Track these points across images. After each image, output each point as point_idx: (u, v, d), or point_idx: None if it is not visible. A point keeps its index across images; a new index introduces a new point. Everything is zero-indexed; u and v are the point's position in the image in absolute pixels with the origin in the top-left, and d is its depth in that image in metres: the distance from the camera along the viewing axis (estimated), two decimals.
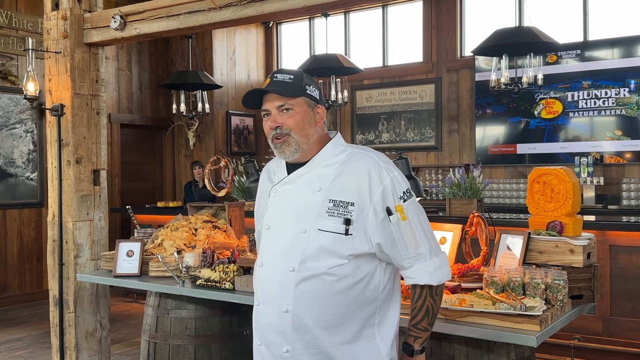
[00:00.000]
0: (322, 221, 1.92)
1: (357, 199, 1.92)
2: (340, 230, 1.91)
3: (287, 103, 1.98)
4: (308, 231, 1.93)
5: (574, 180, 2.90)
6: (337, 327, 1.94)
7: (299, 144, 1.98)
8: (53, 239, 4.55)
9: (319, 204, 1.94)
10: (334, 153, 2.02)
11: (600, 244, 4.83)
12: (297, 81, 1.99)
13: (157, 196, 9.61)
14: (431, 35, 8.85)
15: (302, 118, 1.98)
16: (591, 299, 2.80)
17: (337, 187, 1.95)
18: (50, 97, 4.56)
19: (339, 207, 1.92)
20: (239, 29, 9.83)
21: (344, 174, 1.97)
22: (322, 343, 1.94)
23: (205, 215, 4.25)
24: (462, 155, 8.62)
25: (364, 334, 1.97)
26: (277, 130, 1.99)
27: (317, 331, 1.93)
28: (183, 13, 4.02)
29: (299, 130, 1.98)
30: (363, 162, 1.97)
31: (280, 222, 2.01)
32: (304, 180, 2.00)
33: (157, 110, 9.72)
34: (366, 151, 2.02)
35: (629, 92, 7.40)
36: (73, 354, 4.47)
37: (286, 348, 1.96)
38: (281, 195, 2.04)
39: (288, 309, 1.94)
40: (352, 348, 1.95)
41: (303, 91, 1.99)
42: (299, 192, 2.00)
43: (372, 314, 1.98)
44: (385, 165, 1.96)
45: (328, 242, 1.92)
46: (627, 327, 4.85)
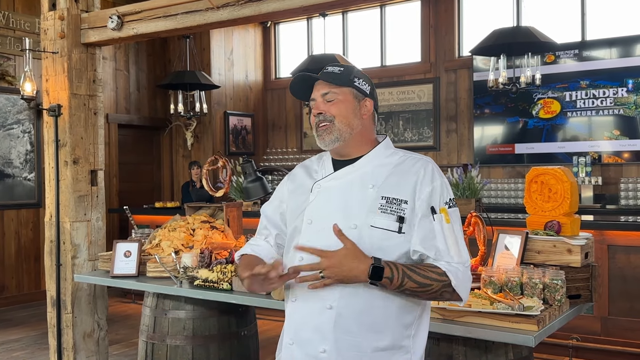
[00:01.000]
0: (375, 218, 1.87)
1: (409, 198, 1.89)
2: (393, 228, 1.86)
3: (331, 91, 1.97)
4: (359, 227, 1.87)
5: (572, 180, 2.90)
6: (380, 332, 1.86)
7: (341, 133, 1.96)
8: (50, 239, 4.54)
9: (372, 201, 1.89)
10: (386, 154, 2.00)
11: (599, 244, 4.83)
12: (346, 73, 1.99)
13: (155, 196, 9.60)
14: (429, 35, 8.85)
15: (346, 107, 1.97)
16: (589, 299, 2.80)
17: (390, 185, 1.91)
18: (47, 97, 4.55)
19: (392, 204, 1.88)
20: (237, 29, 9.82)
21: (397, 173, 1.94)
22: (363, 345, 1.85)
23: (203, 215, 4.24)
24: (461, 155, 8.62)
25: (403, 345, 1.90)
26: (319, 117, 1.98)
27: (360, 332, 1.85)
28: (180, 13, 4.01)
29: (342, 119, 1.96)
30: (417, 163, 1.96)
31: (326, 217, 1.92)
32: (354, 177, 1.96)
33: (154, 110, 9.71)
34: (421, 156, 2.01)
35: (627, 92, 7.40)
36: (71, 355, 4.46)
37: (323, 348, 1.87)
38: (326, 190, 1.97)
39: (332, 306, 1.86)
40: (389, 356, 1.87)
41: (350, 82, 1.99)
42: (348, 189, 1.94)
43: (411, 323, 1.92)
44: (437, 170, 1.95)
45: (380, 240, 1.86)
46: (625, 327, 4.85)
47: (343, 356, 1.85)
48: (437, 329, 2.49)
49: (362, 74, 2.05)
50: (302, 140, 9.91)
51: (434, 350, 2.57)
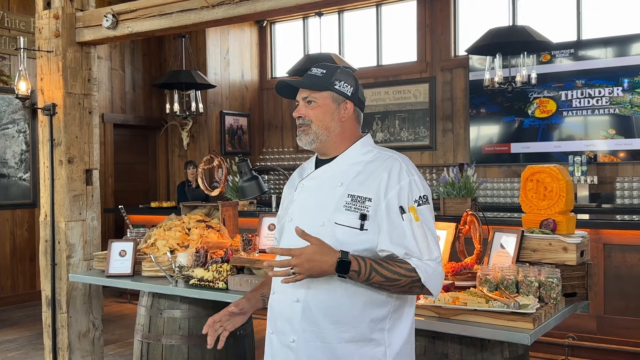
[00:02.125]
0: (339, 215, 1.96)
1: (374, 195, 1.95)
2: (355, 225, 1.94)
3: (310, 96, 2.07)
4: (326, 224, 1.96)
5: (567, 178, 2.90)
6: (346, 324, 1.94)
7: (317, 135, 2.06)
8: (45, 239, 4.52)
9: (338, 198, 1.98)
10: (361, 152, 2.08)
11: (594, 243, 4.84)
12: (327, 76, 2.07)
13: (151, 196, 9.58)
14: (425, 35, 8.85)
15: (323, 111, 2.06)
16: (584, 297, 2.80)
17: (357, 183, 1.99)
18: (42, 96, 4.54)
19: (357, 202, 1.95)
20: (233, 28, 9.81)
21: (366, 172, 2.01)
22: (328, 337, 1.95)
23: (198, 214, 4.23)
24: (457, 154, 8.62)
25: (374, 337, 1.96)
26: (299, 120, 2.09)
27: (325, 324, 1.95)
28: (175, 12, 4.00)
29: (319, 123, 2.06)
30: (386, 162, 2.01)
31: (302, 215, 2.05)
32: (328, 175, 2.07)
33: (150, 110, 9.69)
34: (392, 153, 2.06)
35: (622, 91, 7.41)
36: (66, 355, 4.44)
37: (293, 338, 1.99)
38: (306, 189, 2.10)
39: (299, 299, 1.97)
40: (358, 349, 1.94)
41: (330, 85, 2.06)
42: (322, 187, 2.05)
43: (384, 317, 1.97)
44: (407, 168, 2.00)
45: (343, 236, 1.94)
46: (621, 326, 4.86)
47: (309, 346, 1.97)
48: (433, 327, 2.49)
49: (345, 75, 2.10)
50: None
51: (430, 349, 2.57)
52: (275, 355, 2.06)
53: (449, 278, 2.92)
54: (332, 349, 1.94)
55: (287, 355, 2.01)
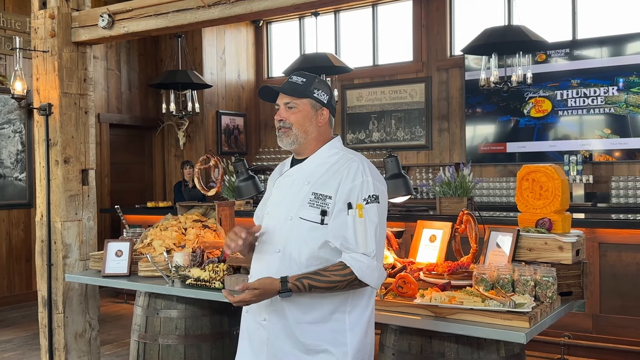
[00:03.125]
0: (304, 211, 2.20)
1: (334, 194, 2.19)
2: (317, 220, 2.18)
3: (292, 102, 2.29)
4: (293, 219, 2.22)
5: (563, 178, 2.90)
6: (308, 307, 2.18)
7: (297, 138, 2.29)
8: (41, 239, 4.51)
9: (304, 196, 2.22)
10: (328, 154, 2.30)
11: (590, 242, 4.85)
12: (307, 84, 2.29)
13: (147, 196, 9.57)
14: (421, 35, 8.86)
15: (303, 116, 2.28)
16: (580, 296, 2.81)
17: (320, 183, 2.23)
18: (38, 96, 4.53)
19: (319, 199, 2.19)
20: (229, 28, 9.80)
21: (330, 172, 2.24)
22: (290, 319, 2.19)
23: (195, 214, 4.23)
24: (453, 154, 8.63)
25: (334, 318, 2.19)
26: (280, 123, 2.30)
27: (288, 307, 2.18)
28: (172, 11, 4.00)
29: (299, 126, 2.28)
30: (346, 163, 2.24)
31: (275, 210, 2.31)
32: (298, 175, 2.30)
33: (146, 110, 9.67)
34: (355, 156, 2.29)
35: (617, 91, 7.44)
36: (62, 355, 4.44)
37: (264, 317, 2.24)
38: (281, 185, 2.35)
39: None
40: (318, 328, 2.19)
41: (310, 93, 2.29)
42: (293, 185, 2.29)
43: (344, 300, 2.20)
44: (364, 170, 2.21)
45: (306, 230, 2.18)
46: (616, 324, 4.87)
47: (275, 324, 2.22)
48: (429, 326, 2.50)
49: (322, 84, 2.33)
50: None
51: (426, 348, 2.57)
52: (250, 333, 2.32)
53: (446, 277, 2.93)
54: (293, 328, 2.19)
55: (260, 333, 2.26)
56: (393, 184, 3.82)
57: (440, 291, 2.67)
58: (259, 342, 2.27)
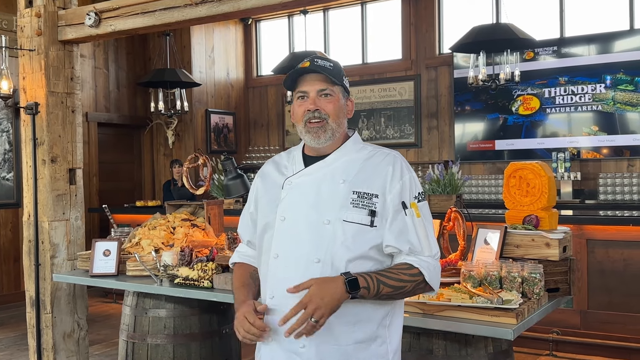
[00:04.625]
0: (347, 212, 1.89)
1: (380, 192, 1.92)
2: (365, 222, 1.89)
3: (328, 88, 1.96)
4: (332, 222, 1.89)
5: (549, 175, 2.92)
6: (355, 324, 1.90)
7: (334, 132, 1.97)
8: (29, 239, 4.49)
9: (343, 196, 1.91)
10: (355, 149, 2.01)
11: (578, 238, 4.88)
12: (337, 69, 1.99)
13: (136, 195, 9.53)
14: (410, 33, 8.87)
15: (339, 106, 1.98)
16: (567, 292, 2.82)
17: (360, 180, 1.93)
18: (24, 95, 4.50)
19: (364, 198, 1.90)
20: (218, 26, 9.77)
21: (367, 168, 1.96)
22: (340, 339, 1.89)
23: (183, 213, 4.22)
24: (442, 151, 8.66)
25: (379, 335, 1.94)
26: (315, 113, 1.95)
27: (336, 327, 1.87)
28: (159, 9, 3.98)
29: (336, 118, 1.96)
30: (387, 158, 1.97)
31: (298, 213, 1.94)
32: (325, 172, 1.97)
33: (135, 108, 9.63)
34: (389, 150, 2.02)
35: (605, 88, 7.48)
36: (50, 355, 4.41)
37: (303, 343, 1.87)
38: (298, 186, 1.97)
39: None
40: (366, 347, 1.91)
41: (341, 80, 1.99)
42: (320, 184, 1.95)
43: (387, 314, 1.96)
44: (406, 165, 1.98)
45: (353, 234, 1.88)
46: (604, 320, 4.90)
47: (322, 350, 1.88)
48: (417, 323, 2.50)
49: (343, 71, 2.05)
50: (284, 138, 9.89)
51: (414, 345, 2.58)
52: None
53: None
54: (344, 350, 1.89)
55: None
56: None
57: None
58: None
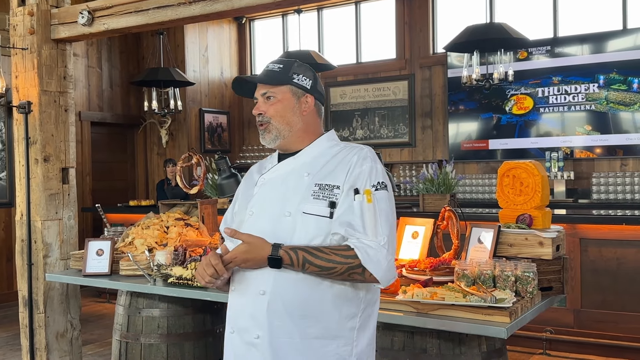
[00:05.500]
0: (307, 204, 1.89)
1: (341, 183, 1.91)
2: (324, 214, 1.88)
3: (269, 91, 2.01)
4: (292, 214, 1.90)
5: (543, 174, 2.93)
6: (313, 319, 1.87)
7: (280, 131, 2.00)
8: (21, 238, 4.47)
9: (305, 188, 1.92)
10: (327, 146, 2.03)
11: (571, 237, 4.90)
12: (285, 70, 2.01)
13: (130, 195, 9.50)
14: (404, 32, 8.88)
15: (283, 107, 2.00)
16: (561, 291, 2.83)
17: (324, 173, 1.94)
18: (17, 94, 4.48)
19: (325, 190, 1.90)
20: (212, 25, 9.75)
21: (334, 162, 1.97)
22: (295, 332, 1.87)
23: (177, 212, 4.21)
24: (436, 151, 8.67)
25: (342, 335, 1.90)
26: (259, 117, 2.02)
27: (291, 319, 1.86)
28: (152, 8, 3.97)
29: (280, 118, 1.99)
30: (352, 151, 1.98)
31: (265, 207, 1.97)
32: (292, 167, 2.00)
33: (128, 107, 9.60)
34: (360, 145, 2.02)
35: (598, 88, 7.50)
36: (44, 355, 4.40)
37: (257, 334, 1.89)
38: (268, 182, 2.02)
39: (265, 291, 1.88)
40: (324, 346, 1.88)
41: (289, 80, 2.00)
42: (287, 179, 1.98)
43: (355, 315, 1.92)
44: (372, 157, 1.96)
45: (312, 226, 1.88)
46: (597, 319, 4.92)
47: (275, 342, 1.88)
48: (411, 322, 2.50)
49: (303, 68, 2.05)
50: None
51: (408, 344, 2.58)
52: (238, 356, 1.97)
53: (428, 273, 2.94)
54: (298, 344, 1.87)
55: (250, 353, 1.92)
56: None
57: (422, 287, 2.68)
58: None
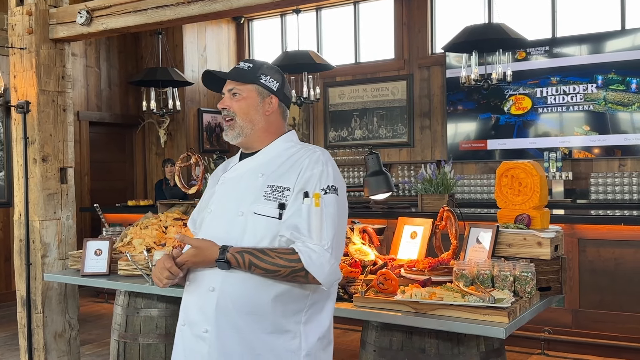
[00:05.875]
0: (258, 205, 1.97)
1: (292, 185, 1.98)
2: (274, 215, 1.96)
3: (235, 88, 2.09)
4: (245, 214, 1.99)
5: (541, 174, 2.93)
6: (260, 315, 1.94)
7: (242, 129, 2.08)
8: (20, 238, 4.46)
9: (258, 189, 2.00)
10: (285, 147, 2.10)
11: (569, 238, 4.90)
12: (254, 70, 2.09)
13: (128, 195, 9.50)
14: (402, 32, 8.88)
15: (247, 104, 2.08)
16: (559, 291, 2.83)
17: (277, 174, 2.02)
18: (15, 94, 4.48)
19: (276, 191, 1.98)
20: (210, 25, 9.75)
21: (288, 163, 2.04)
22: (242, 327, 1.94)
23: (175, 212, 4.20)
24: (434, 151, 8.67)
25: (289, 329, 1.97)
26: (224, 111, 2.10)
27: (239, 315, 1.94)
28: (151, 8, 3.97)
29: (243, 115, 2.07)
30: (306, 154, 2.04)
31: (222, 206, 2.07)
32: (249, 167, 2.09)
33: (126, 107, 9.59)
34: (315, 147, 2.08)
35: (596, 88, 7.51)
36: (42, 355, 4.39)
37: (205, 328, 1.97)
38: (228, 181, 2.11)
39: (215, 288, 1.97)
40: (272, 340, 1.95)
41: (256, 79, 2.08)
42: (244, 179, 2.07)
43: (300, 310, 1.99)
44: (324, 160, 2.02)
45: (262, 226, 1.96)
46: (596, 319, 4.92)
47: (222, 336, 1.96)
48: (409, 322, 2.50)
49: (272, 70, 2.13)
50: None
51: (407, 344, 2.58)
52: (187, 348, 2.04)
53: (426, 273, 2.94)
54: (245, 339, 1.94)
55: (199, 346, 1.99)
56: (374, 180, 3.83)
57: (421, 287, 2.68)
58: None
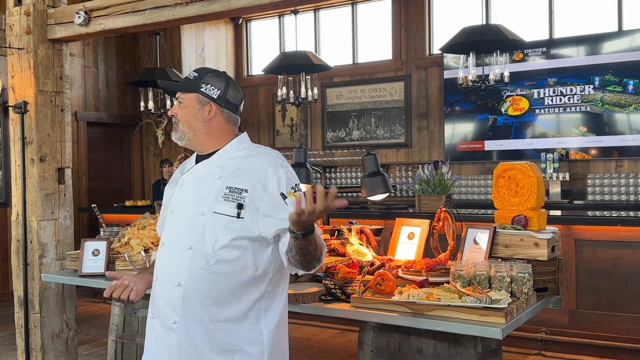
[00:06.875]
0: (218, 205, 2.13)
1: (251, 187, 2.12)
2: (232, 214, 2.11)
3: (180, 97, 2.25)
4: (205, 213, 2.13)
5: (538, 175, 2.94)
6: (224, 304, 2.11)
7: (184, 133, 2.23)
8: (17, 238, 4.46)
9: (217, 190, 2.15)
10: (237, 149, 2.24)
11: (566, 238, 4.91)
12: (197, 79, 2.24)
13: (126, 195, 9.49)
14: (400, 33, 8.90)
15: (187, 112, 2.23)
16: (556, 292, 2.84)
17: (235, 176, 2.16)
18: (13, 94, 4.48)
19: (234, 192, 2.13)
20: (208, 25, 9.75)
21: (243, 165, 2.19)
22: (207, 318, 2.11)
23: None
24: (432, 152, 8.68)
25: (250, 315, 2.14)
26: (172, 118, 2.27)
27: (204, 306, 2.11)
28: (149, 8, 3.97)
29: (185, 122, 2.23)
30: (261, 157, 2.20)
31: (181, 206, 2.22)
32: (207, 170, 2.22)
33: (124, 107, 9.59)
34: (266, 149, 2.26)
35: (593, 89, 7.53)
36: (39, 355, 4.39)
37: (174, 320, 2.13)
38: (186, 183, 2.26)
39: (180, 283, 2.12)
40: (235, 327, 2.12)
41: (196, 88, 2.22)
42: (201, 181, 2.21)
43: (261, 297, 2.16)
44: (280, 162, 2.20)
45: (222, 224, 2.11)
46: (592, 320, 4.94)
47: (189, 327, 2.12)
48: (407, 323, 2.51)
49: (215, 78, 2.25)
50: (275, 137, 9.89)
51: (404, 344, 2.59)
52: (158, 338, 2.20)
53: (423, 274, 2.94)
54: (210, 328, 2.11)
55: (169, 337, 2.15)
56: (372, 181, 3.83)
57: (418, 288, 2.68)
58: (168, 350, 2.15)
